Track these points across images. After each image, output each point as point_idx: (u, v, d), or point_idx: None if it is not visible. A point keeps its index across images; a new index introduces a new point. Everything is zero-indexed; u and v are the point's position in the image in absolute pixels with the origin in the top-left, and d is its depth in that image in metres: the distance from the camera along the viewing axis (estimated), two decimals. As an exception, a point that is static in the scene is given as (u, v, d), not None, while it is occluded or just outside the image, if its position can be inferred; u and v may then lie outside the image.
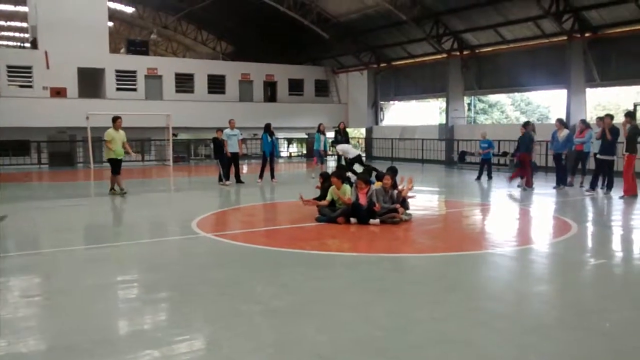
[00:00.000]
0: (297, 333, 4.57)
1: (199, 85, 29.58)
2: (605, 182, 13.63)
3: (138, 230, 9.81)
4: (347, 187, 9.84)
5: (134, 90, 27.92)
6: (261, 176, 16.80)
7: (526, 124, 15.55)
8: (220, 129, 16.34)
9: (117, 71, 27.49)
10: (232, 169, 16.31)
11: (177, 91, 29.00)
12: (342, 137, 19.40)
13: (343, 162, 18.29)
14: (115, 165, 13.79)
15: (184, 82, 29.40)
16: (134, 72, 27.98)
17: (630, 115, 13.23)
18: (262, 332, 4.62)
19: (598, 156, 13.59)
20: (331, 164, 21.77)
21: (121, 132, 13.90)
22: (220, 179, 16.13)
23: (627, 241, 8.77)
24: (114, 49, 32.43)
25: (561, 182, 14.65)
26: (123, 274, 6.65)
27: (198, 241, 8.39)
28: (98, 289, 5.91)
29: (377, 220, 9.32)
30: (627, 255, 7.85)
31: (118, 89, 27.42)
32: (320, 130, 17.75)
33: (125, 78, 27.78)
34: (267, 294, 5.68)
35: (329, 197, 9.86)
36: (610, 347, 4.29)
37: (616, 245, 8.57)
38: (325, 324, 4.79)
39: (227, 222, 10.76)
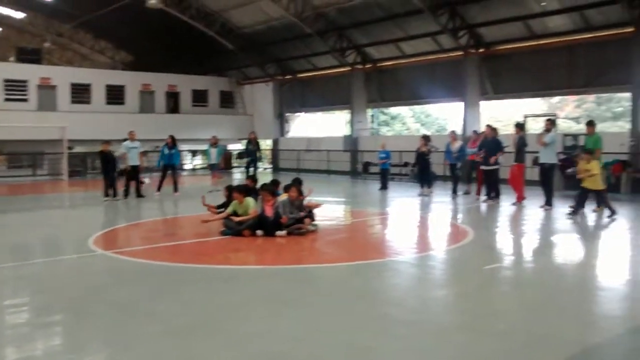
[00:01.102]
0: (201, 351, 4.44)
1: (96, 96, 28.38)
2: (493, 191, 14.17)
3: (29, 250, 9.17)
4: (249, 200, 9.72)
5: (25, 100, 26.33)
6: (159, 189, 16.37)
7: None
8: (107, 142, 15.43)
9: (5, 80, 25.82)
10: (133, 183, 15.70)
11: (73, 102, 27.67)
12: (253, 147, 19.31)
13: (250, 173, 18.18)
14: None
15: (81, 93, 28.09)
16: (25, 81, 26.39)
17: (519, 126, 14.07)
18: (165, 352, 4.44)
19: (482, 167, 14.22)
20: (237, 176, 21.55)
21: None
22: (106, 195, 15.19)
23: (519, 245, 9.32)
24: (2, 57, 30.43)
25: (457, 191, 15.30)
26: (11, 298, 6.17)
27: (95, 259, 7.97)
28: (-18, 315, 5.45)
29: (284, 232, 9.30)
30: (519, 259, 8.33)
31: (7, 99, 25.75)
32: (212, 143, 17.44)
33: (15, 88, 26.13)
34: (169, 312, 5.48)
35: (229, 210, 9.69)
36: (504, 347, 4.51)
37: (509, 249, 9.07)
38: (230, 339, 4.69)
39: (126, 238, 10.31)
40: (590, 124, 12.32)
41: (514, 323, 5.10)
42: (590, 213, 11.82)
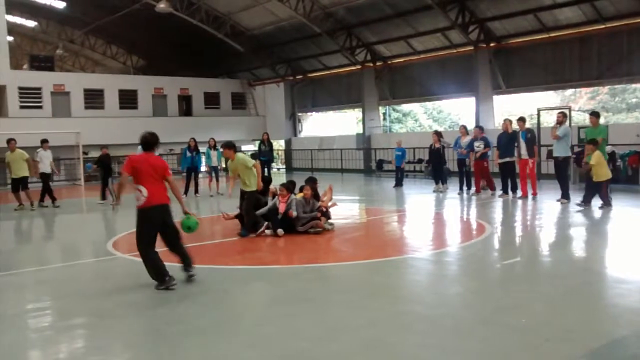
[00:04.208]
0: (224, 351, 4.48)
1: (109, 101, 28.56)
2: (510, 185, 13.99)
3: (49, 254, 9.28)
4: (239, 156, 9.77)
5: (40, 107, 26.53)
6: (186, 192, 16.54)
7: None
8: (106, 146, 16.38)
9: (20, 88, 26.00)
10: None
11: (86, 107, 27.86)
12: (265, 147, 19.46)
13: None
14: (16, 183, 14.95)
15: (94, 98, 28.28)
16: (39, 88, 26.58)
17: (522, 120, 13.90)
18: (187, 353, 4.47)
19: (499, 160, 14.00)
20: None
21: (18, 151, 14.62)
22: (103, 197, 15.94)
23: (536, 240, 9.24)
24: (15, 65, 30.70)
25: (467, 186, 15.14)
26: (34, 302, 6.25)
27: (114, 263, 8.05)
28: (7, 319, 5.52)
29: (281, 230, 9.33)
30: (538, 253, 8.26)
31: (22, 107, 25.94)
32: (210, 145, 17.56)
33: (30, 95, 26.33)
34: (190, 313, 5.52)
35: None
36: (525, 341, 4.48)
37: (527, 244, 8.99)
38: (252, 339, 4.71)
39: (145, 241, 10.35)
40: (595, 114, 12.03)
41: (536, 317, 5.07)
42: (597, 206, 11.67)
